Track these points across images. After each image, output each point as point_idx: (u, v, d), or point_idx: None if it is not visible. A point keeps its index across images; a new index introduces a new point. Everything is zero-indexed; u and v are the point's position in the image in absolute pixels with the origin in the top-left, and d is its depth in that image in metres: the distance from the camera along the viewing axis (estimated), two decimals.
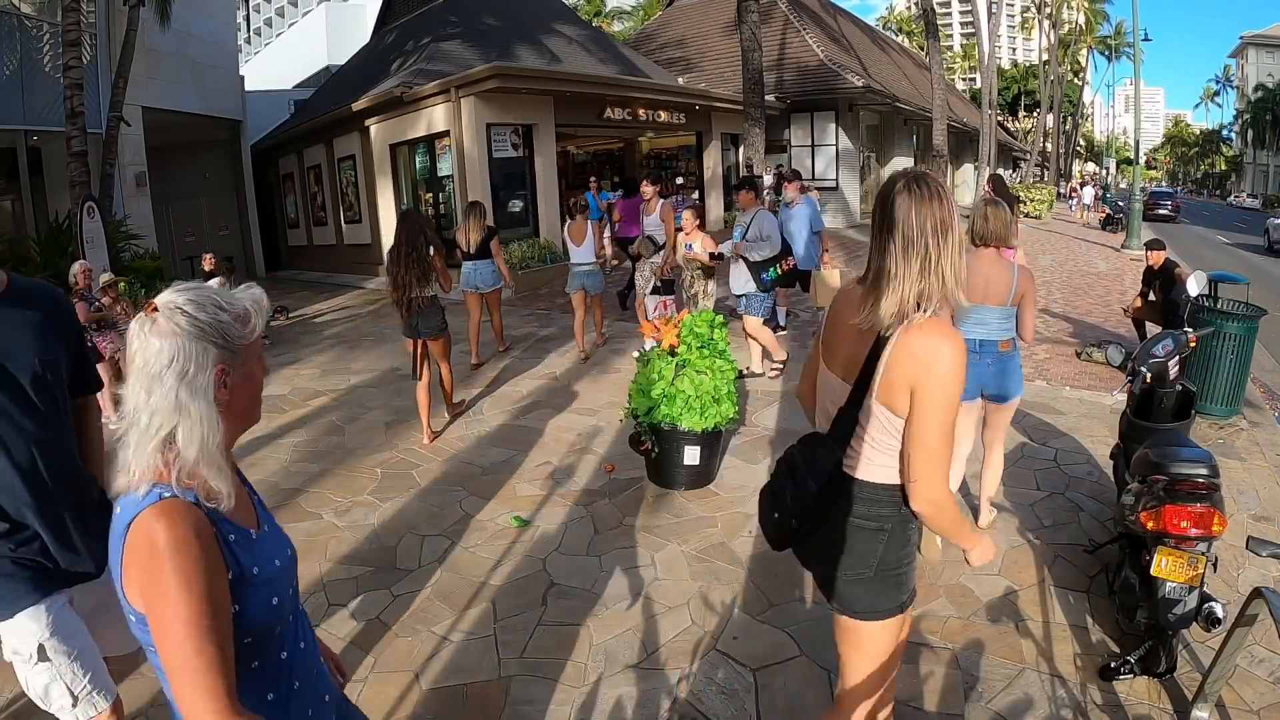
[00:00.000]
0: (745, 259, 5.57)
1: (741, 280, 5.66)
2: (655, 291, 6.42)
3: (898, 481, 1.52)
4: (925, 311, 1.44)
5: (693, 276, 5.92)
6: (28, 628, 1.64)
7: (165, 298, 1.05)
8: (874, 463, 1.53)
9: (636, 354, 6.13)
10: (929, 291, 1.43)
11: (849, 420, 1.53)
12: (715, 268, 5.90)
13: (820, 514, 1.58)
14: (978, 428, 3.41)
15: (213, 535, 1.03)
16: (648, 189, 7.05)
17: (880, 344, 1.45)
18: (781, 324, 7.34)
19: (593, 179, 13.11)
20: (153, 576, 0.97)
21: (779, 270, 5.65)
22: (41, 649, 1.65)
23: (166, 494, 1.01)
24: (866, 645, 1.62)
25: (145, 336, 1.03)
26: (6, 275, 1.73)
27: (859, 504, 1.55)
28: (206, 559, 0.99)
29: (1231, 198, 48.88)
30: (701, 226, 5.99)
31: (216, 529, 1.04)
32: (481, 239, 6.51)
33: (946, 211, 1.45)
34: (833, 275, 7.10)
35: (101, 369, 5.60)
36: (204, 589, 0.97)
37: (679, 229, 6.15)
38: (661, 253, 6.51)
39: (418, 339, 4.72)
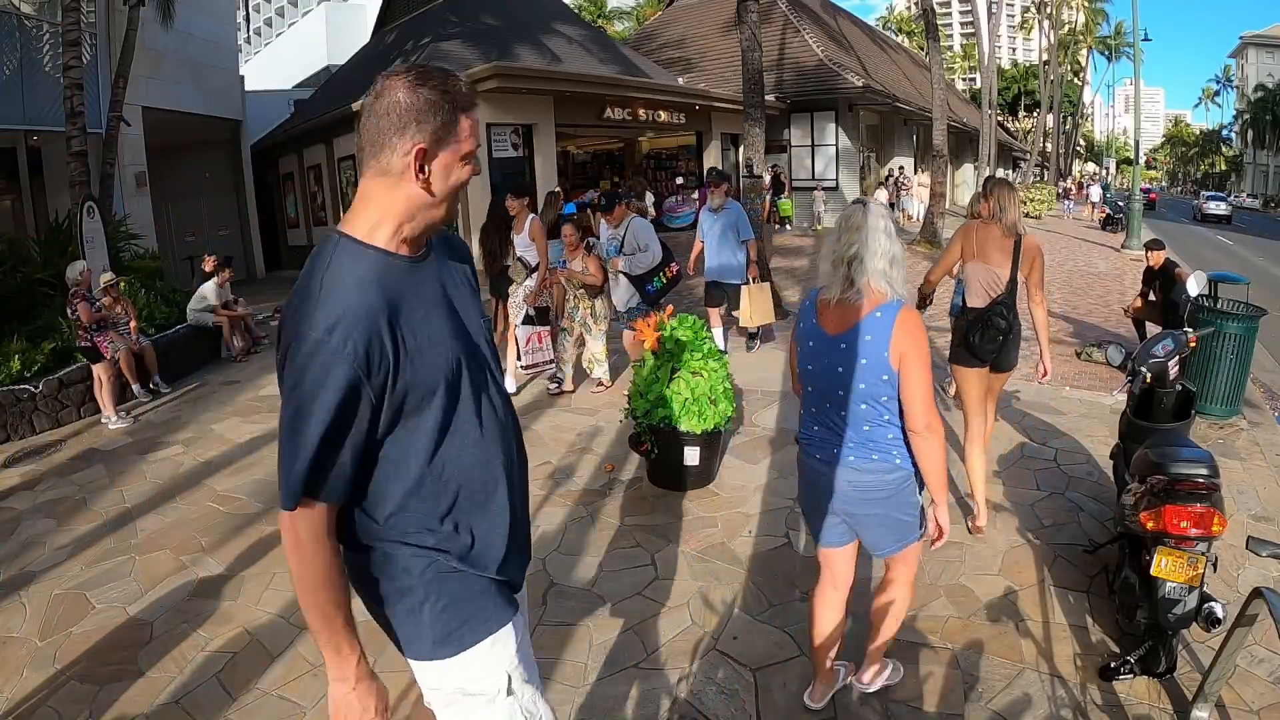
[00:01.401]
0: (626, 274, 5.36)
1: (625, 296, 5.46)
2: (528, 321, 5.52)
3: (1021, 306, 3.26)
4: (1023, 229, 3.25)
5: (577, 298, 5.42)
6: (498, 656, 1.31)
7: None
8: (1019, 298, 3.25)
9: (553, 388, 5.69)
10: (1020, 220, 3.24)
11: (1012, 284, 3.22)
12: (601, 286, 5.41)
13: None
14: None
15: None
16: (513, 203, 5.60)
17: (1018, 245, 3.20)
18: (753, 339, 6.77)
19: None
20: (919, 345, 1.91)
21: (663, 279, 5.42)
22: (509, 679, 1.34)
23: (904, 301, 1.94)
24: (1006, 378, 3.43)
25: (873, 213, 1.99)
26: None
27: (1016, 318, 3.26)
28: None
29: (1231, 197, 48.83)
30: (586, 244, 5.43)
31: None
32: (552, 223, 7.34)
33: (1016, 194, 3.32)
34: (764, 292, 6.41)
35: (101, 369, 5.62)
36: None
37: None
38: (534, 276, 5.52)
39: (498, 299, 5.70)
